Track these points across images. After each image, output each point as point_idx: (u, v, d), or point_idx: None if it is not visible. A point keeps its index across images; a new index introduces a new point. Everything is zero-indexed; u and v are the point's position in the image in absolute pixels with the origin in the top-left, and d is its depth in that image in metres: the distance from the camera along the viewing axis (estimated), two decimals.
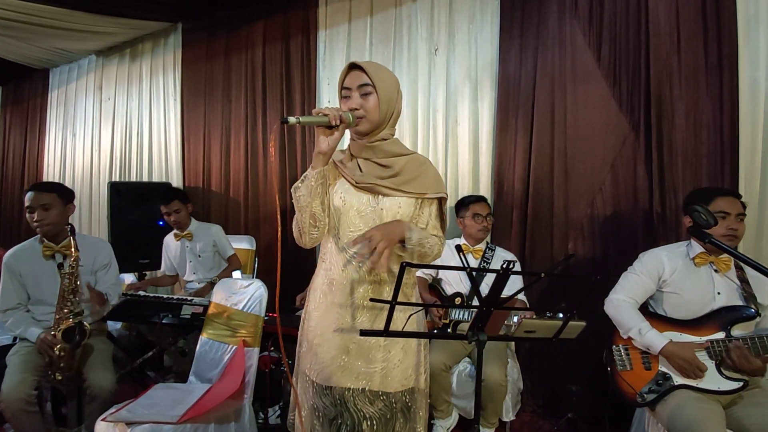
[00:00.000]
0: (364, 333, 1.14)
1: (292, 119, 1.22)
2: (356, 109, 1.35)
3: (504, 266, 1.01)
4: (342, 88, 1.39)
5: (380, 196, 1.38)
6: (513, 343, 2.60)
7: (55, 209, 2.29)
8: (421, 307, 1.33)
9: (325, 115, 1.27)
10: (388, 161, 1.40)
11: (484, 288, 2.50)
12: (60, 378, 2.16)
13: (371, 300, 1.17)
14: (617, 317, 2.00)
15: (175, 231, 3.34)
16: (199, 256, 3.28)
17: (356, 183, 1.38)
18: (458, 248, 1.12)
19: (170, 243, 3.40)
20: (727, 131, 2.33)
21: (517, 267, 2.59)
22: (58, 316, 2.18)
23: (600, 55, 2.64)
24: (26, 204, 2.27)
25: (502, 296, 1.08)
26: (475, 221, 2.62)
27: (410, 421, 1.42)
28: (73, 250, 2.19)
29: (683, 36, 2.42)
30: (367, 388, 1.37)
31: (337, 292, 1.40)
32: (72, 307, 2.20)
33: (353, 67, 1.38)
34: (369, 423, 1.37)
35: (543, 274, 1.07)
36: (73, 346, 2.15)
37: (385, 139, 1.42)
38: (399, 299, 1.16)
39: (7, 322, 2.30)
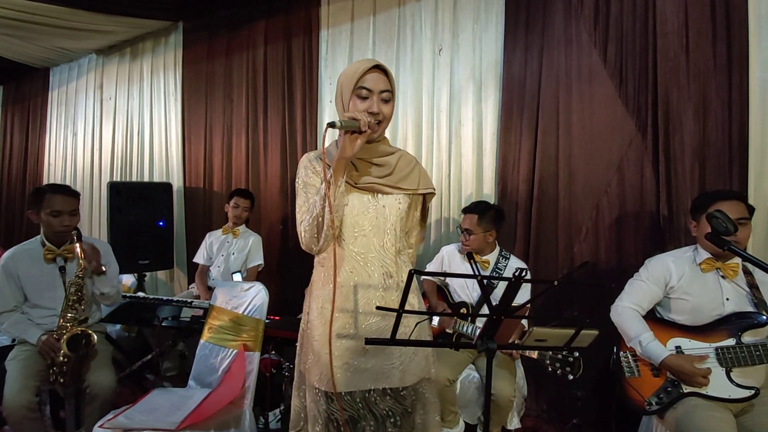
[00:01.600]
0: (369, 341, 1.10)
1: (337, 123, 1.24)
2: (376, 114, 1.34)
3: (516, 274, 0.98)
4: (360, 86, 1.34)
5: (380, 195, 1.40)
6: None
7: (78, 214, 2.33)
8: (428, 316, 1.29)
9: (356, 120, 1.26)
10: (382, 160, 1.41)
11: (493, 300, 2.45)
12: (62, 380, 2.13)
13: (377, 308, 1.14)
14: (621, 325, 1.98)
15: (226, 225, 3.44)
16: (233, 254, 3.37)
17: (355, 184, 1.38)
18: (470, 255, 1.09)
19: (215, 234, 3.49)
20: (736, 133, 2.29)
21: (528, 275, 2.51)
22: (61, 322, 2.16)
23: (606, 55, 2.60)
24: (54, 207, 2.22)
25: (512, 305, 1.04)
26: (460, 234, 2.52)
27: (428, 413, 1.43)
28: (81, 256, 2.15)
29: (692, 35, 2.38)
30: (387, 387, 1.36)
31: (346, 296, 1.37)
32: (77, 315, 2.18)
33: (377, 68, 1.35)
34: (392, 420, 1.36)
35: (556, 282, 1.03)
36: (79, 356, 2.12)
37: (380, 140, 1.42)
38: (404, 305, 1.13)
39: (4, 324, 2.26)
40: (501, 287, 2.46)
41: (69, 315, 2.16)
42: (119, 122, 4.82)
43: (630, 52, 2.54)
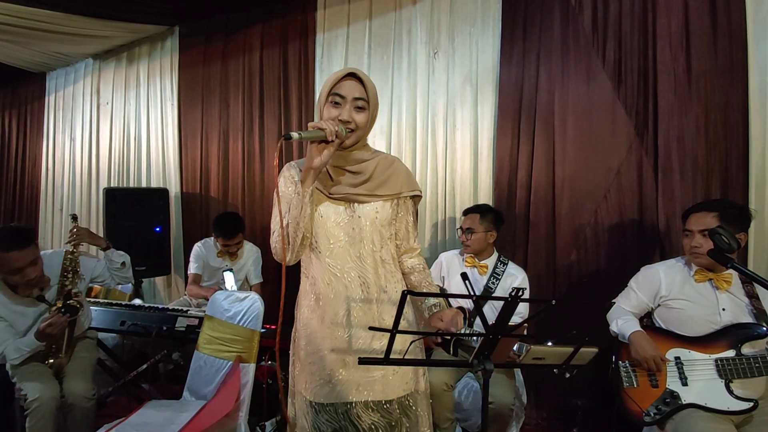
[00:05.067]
0: (363, 361, 1.08)
1: (294, 135, 1.17)
2: (348, 122, 1.31)
3: (512, 293, 0.96)
4: (333, 93, 1.32)
5: (356, 204, 1.37)
6: None
7: (39, 258, 2.09)
8: (421, 335, 1.27)
9: (321, 129, 1.22)
10: (359, 167, 1.37)
11: (491, 309, 2.43)
12: (51, 362, 2.15)
13: (370, 328, 1.12)
14: (609, 316, 2.03)
15: (220, 251, 3.26)
16: (232, 269, 3.21)
17: (330, 194, 1.36)
18: (464, 276, 1.07)
19: (209, 249, 3.31)
20: (738, 136, 2.28)
21: (526, 285, 2.49)
22: (56, 296, 2.19)
23: (605, 57, 2.58)
24: (11, 266, 1.98)
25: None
26: (461, 235, 2.52)
27: (416, 425, 1.41)
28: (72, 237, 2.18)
29: (692, 36, 2.35)
30: (369, 399, 1.34)
31: (326, 308, 1.36)
32: (69, 286, 2.18)
33: (354, 76, 1.33)
34: None
35: (554, 302, 1.01)
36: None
37: (356, 147, 1.39)
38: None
39: (11, 356, 2.10)
40: (500, 290, 2.45)
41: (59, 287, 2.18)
42: (116, 127, 4.79)
43: (629, 54, 2.51)
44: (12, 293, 2.16)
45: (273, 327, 2.55)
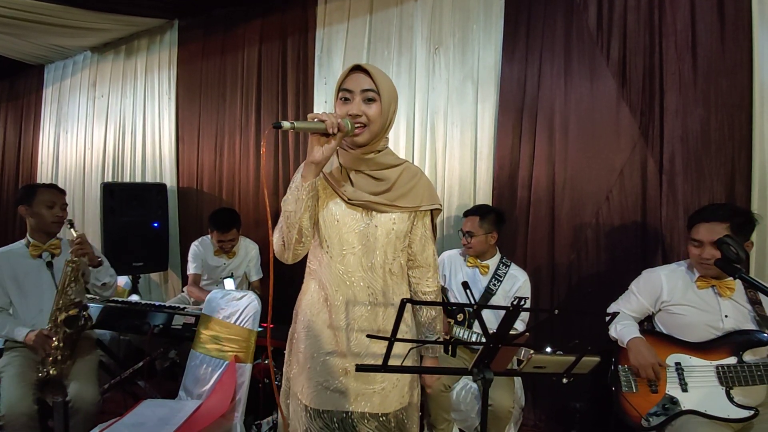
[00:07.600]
0: (360, 369, 1.06)
1: (286, 124, 1.09)
2: (358, 115, 1.25)
3: (514, 303, 0.93)
4: (341, 89, 1.28)
5: (373, 213, 1.32)
6: None
7: (66, 210, 2.42)
8: (420, 344, 1.25)
9: (322, 121, 1.15)
10: (382, 174, 1.32)
11: (491, 312, 2.40)
12: (54, 373, 2.11)
13: (368, 336, 1.10)
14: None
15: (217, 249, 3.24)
16: (231, 273, 3.21)
17: (348, 200, 1.30)
18: (465, 285, 1.05)
19: (207, 252, 3.28)
20: (744, 137, 2.24)
21: (527, 288, 2.47)
22: (56, 308, 2.16)
23: (609, 55, 2.54)
24: (51, 200, 2.33)
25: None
26: (461, 237, 2.50)
27: None
28: (74, 233, 2.20)
29: (698, 35, 2.31)
30: (366, 411, 1.32)
31: (330, 313, 1.33)
32: (72, 296, 2.18)
33: (357, 68, 1.28)
34: None
35: (557, 311, 0.99)
36: (76, 332, 2.14)
37: (380, 151, 1.34)
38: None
39: None
40: (501, 292, 2.44)
41: (61, 301, 2.16)
42: (112, 121, 4.75)
43: (634, 52, 2.47)
44: (26, 256, 2.29)
45: (271, 326, 2.53)
